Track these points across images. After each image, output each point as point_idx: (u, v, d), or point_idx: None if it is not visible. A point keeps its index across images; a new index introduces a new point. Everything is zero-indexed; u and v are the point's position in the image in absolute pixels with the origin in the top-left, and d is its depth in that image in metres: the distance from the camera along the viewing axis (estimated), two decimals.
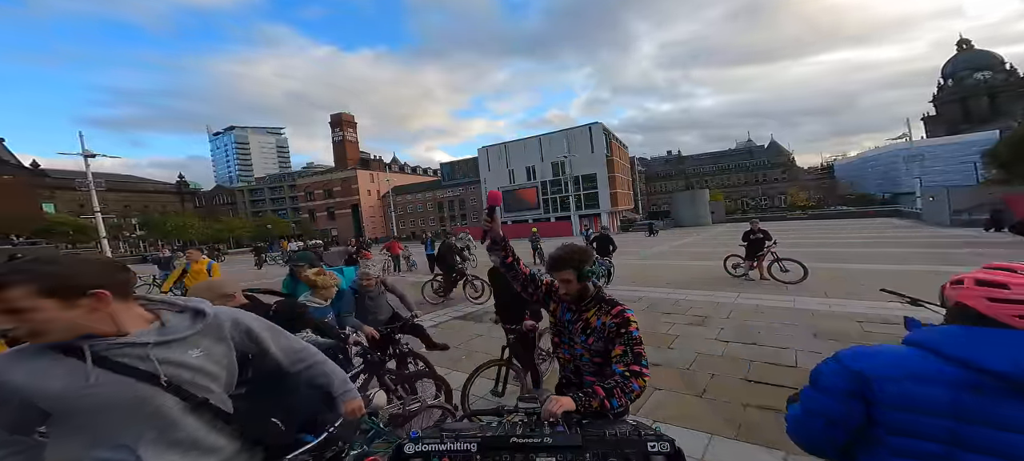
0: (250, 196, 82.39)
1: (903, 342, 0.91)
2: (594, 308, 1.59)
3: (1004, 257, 9.60)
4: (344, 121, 75.72)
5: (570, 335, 1.65)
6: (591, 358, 1.58)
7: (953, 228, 19.43)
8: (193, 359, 0.98)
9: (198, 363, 0.99)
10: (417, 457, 1.01)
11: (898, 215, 31.81)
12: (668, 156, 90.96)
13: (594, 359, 1.58)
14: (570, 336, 1.65)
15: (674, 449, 1.00)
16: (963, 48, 68.31)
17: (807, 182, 75.53)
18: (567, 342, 1.68)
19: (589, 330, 1.57)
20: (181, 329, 1.00)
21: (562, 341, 1.70)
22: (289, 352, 1.25)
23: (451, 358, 4.53)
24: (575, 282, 1.56)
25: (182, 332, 0.99)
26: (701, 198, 42.82)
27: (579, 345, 1.61)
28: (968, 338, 0.81)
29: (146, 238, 46.26)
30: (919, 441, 0.82)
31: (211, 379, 1.01)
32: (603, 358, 1.55)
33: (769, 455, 2.40)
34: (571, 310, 1.66)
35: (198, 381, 0.99)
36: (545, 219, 42.94)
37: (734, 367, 3.75)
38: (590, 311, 1.60)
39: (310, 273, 2.84)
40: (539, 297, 1.81)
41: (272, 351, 1.20)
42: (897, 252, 11.66)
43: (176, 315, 1.03)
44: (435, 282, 8.23)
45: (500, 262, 1.80)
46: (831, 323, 4.95)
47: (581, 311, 1.62)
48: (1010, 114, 51.28)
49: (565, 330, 1.68)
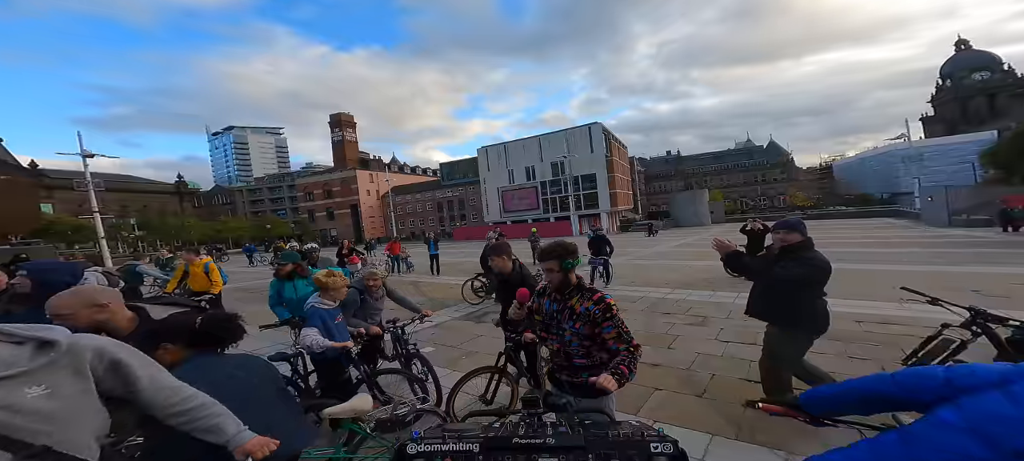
0: (249, 196, 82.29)
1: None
2: (577, 296, 1.79)
3: (1004, 257, 9.51)
4: (343, 121, 75.63)
5: (558, 323, 1.82)
6: (580, 342, 1.77)
7: (952, 228, 19.48)
8: (28, 399, 0.84)
9: (35, 404, 0.84)
10: (420, 457, 1.01)
11: (897, 215, 31.89)
12: (667, 156, 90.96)
13: (583, 343, 1.76)
14: (558, 324, 1.81)
15: (677, 450, 0.99)
16: (961, 48, 68.40)
17: (806, 182, 75.61)
18: (556, 332, 1.84)
19: (575, 316, 1.75)
20: (17, 363, 0.85)
21: (551, 332, 1.86)
22: (162, 395, 1.02)
23: (450, 358, 4.53)
24: (558, 270, 1.78)
25: (16, 368, 0.85)
26: (701, 198, 42.87)
27: (568, 331, 1.78)
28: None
29: (145, 239, 46.20)
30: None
31: (55, 422, 0.86)
32: (590, 341, 1.75)
33: (770, 455, 2.40)
34: (556, 301, 1.83)
35: (33, 426, 0.83)
36: (545, 219, 42.92)
37: (734, 367, 3.75)
38: (573, 299, 1.79)
39: (320, 274, 2.82)
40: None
41: (143, 393, 0.99)
42: (897, 252, 11.68)
43: (11, 347, 0.88)
44: (477, 281, 8.05)
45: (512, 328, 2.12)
46: (831, 322, 4.96)
47: (565, 300, 1.80)
48: (1008, 114, 51.38)
49: (552, 321, 1.84)
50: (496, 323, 3.52)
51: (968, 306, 2.64)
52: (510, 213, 47.81)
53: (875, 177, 58.93)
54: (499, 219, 47.26)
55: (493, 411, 1.45)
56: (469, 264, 13.65)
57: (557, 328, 1.81)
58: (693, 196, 44.00)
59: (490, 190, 50.04)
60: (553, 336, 1.84)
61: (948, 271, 8.06)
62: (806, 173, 79.11)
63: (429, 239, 14.15)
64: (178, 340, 1.33)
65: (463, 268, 13.36)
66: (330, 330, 2.68)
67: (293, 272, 3.83)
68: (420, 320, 3.50)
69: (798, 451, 2.40)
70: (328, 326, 2.68)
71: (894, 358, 3.63)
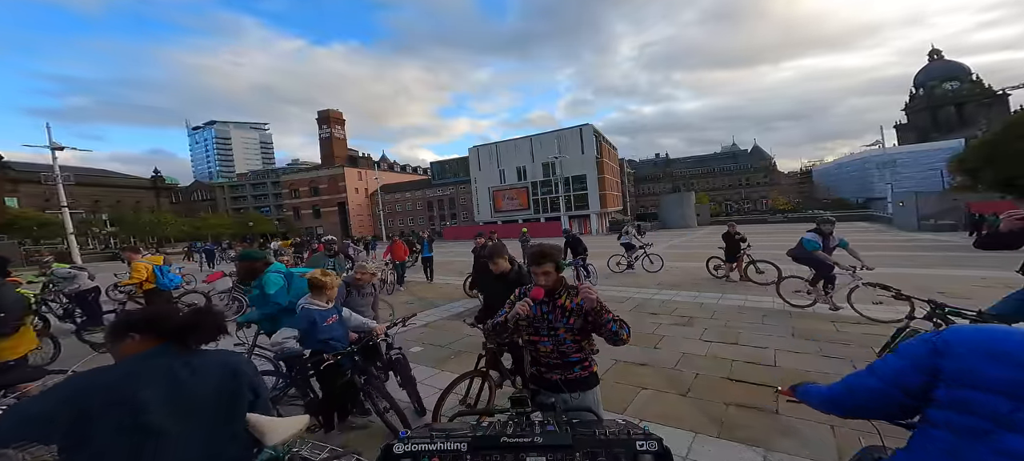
0: (231, 193, 79.77)
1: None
2: (565, 294, 1.83)
3: (971, 260, 9.98)
4: (332, 118, 74.10)
5: (550, 323, 1.82)
6: (573, 338, 1.80)
7: (921, 232, 20.42)
8: None
9: None
10: (406, 457, 1.01)
11: (871, 219, 33.23)
12: (656, 159, 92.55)
13: (576, 337, 1.80)
14: (551, 324, 1.82)
15: (662, 448, 1.02)
16: (934, 58, 71.73)
17: (787, 186, 78.01)
18: (548, 333, 1.82)
19: (567, 313, 1.79)
20: None
21: (541, 334, 1.85)
22: None
23: (437, 358, 4.50)
24: (554, 273, 1.83)
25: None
26: (688, 200, 43.69)
27: (562, 329, 1.80)
28: None
29: (117, 235, 44.24)
30: (967, 416, 0.85)
31: None
32: (581, 333, 1.80)
33: (749, 452, 2.47)
34: (545, 303, 1.84)
35: None
36: (535, 219, 43.03)
37: (717, 366, 3.85)
38: (562, 297, 1.82)
39: (316, 273, 2.75)
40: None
41: None
42: (869, 254, 12.13)
43: None
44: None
45: (498, 335, 1.97)
46: (808, 323, 5.14)
47: (555, 300, 1.83)
48: (975, 123, 54.18)
49: (543, 322, 1.83)
50: (472, 323, 3.37)
51: (928, 299, 2.92)
52: (501, 213, 47.75)
53: (851, 182, 61.17)
54: (490, 219, 47.12)
55: (481, 411, 1.43)
56: (459, 263, 13.56)
57: (549, 329, 1.82)
58: (680, 198, 44.80)
59: (481, 190, 49.88)
60: (544, 337, 1.84)
61: (917, 274, 8.45)
62: (787, 177, 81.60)
63: (424, 240, 11.76)
64: (149, 332, 1.20)
65: (454, 267, 13.27)
66: (318, 331, 2.62)
67: (254, 270, 3.38)
68: (401, 325, 3.30)
69: (776, 448, 2.49)
70: (317, 326, 2.62)
71: (866, 357, 3.80)
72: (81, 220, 35.60)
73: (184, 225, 50.53)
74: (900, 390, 0.98)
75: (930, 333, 1.01)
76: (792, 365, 3.81)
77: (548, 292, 1.84)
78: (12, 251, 25.59)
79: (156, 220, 47.89)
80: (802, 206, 65.04)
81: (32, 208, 40.18)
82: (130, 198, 60.59)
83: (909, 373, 0.97)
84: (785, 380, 3.47)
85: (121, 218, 47.01)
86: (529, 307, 1.87)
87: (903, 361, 1.00)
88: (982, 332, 0.90)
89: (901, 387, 0.98)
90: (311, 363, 2.57)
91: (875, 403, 1.04)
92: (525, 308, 1.86)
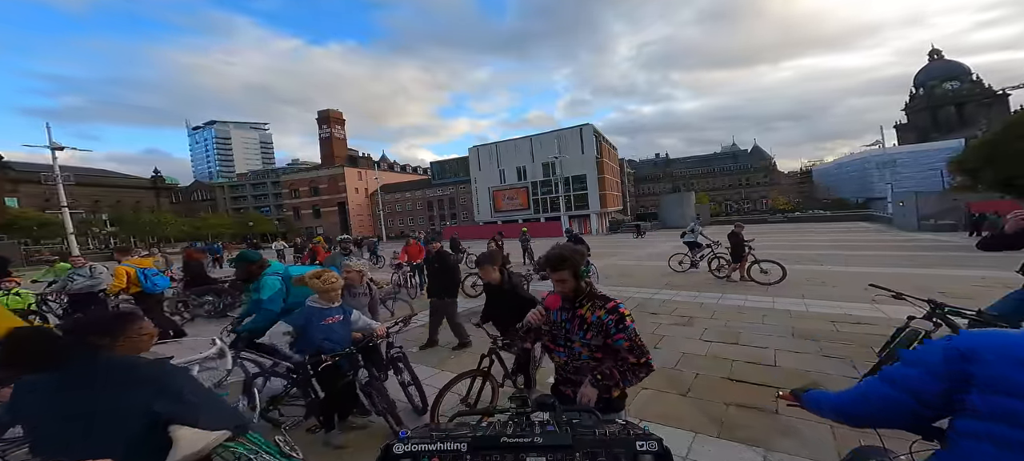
0: (231, 193, 79.77)
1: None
2: (587, 304, 1.63)
3: (971, 260, 9.96)
4: (332, 118, 74.10)
5: (567, 334, 1.66)
6: (591, 354, 1.61)
7: (920, 232, 20.40)
8: None
9: None
10: (406, 457, 1.01)
11: (870, 219, 33.19)
12: (656, 159, 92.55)
13: (594, 355, 1.61)
14: (567, 336, 1.66)
15: (662, 448, 1.02)
16: (934, 58, 71.73)
17: (787, 186, 78.02)
18: (564, 344, 1.67)
19: (586, 326, 1.60)
20: None
21: (557, 343, 1.70)
22: None
23: (438, 357, 4.50)
24: (571, 280, 1.62)
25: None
26: (688, 200, 43.66)
27: (578, 343, 1.62)
28: None
29: (117, 235, 44.24)
30: (1006, 427, 0.79)
31: None
32: (603, 352, 1.61)
33: (749, 452, 2.47)
34: (564, 310, 1.67)
35: None
36: (535, 219, 43.02)
37: (717, 366, 3.85)
38: (584, 307, 1.63)
39: (305, 275, 2.76)
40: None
41: None
42: (869, 255, 12.17)
43: None
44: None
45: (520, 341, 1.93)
46: (807, 323, 5.14)
47: (575, 309, 1.65)
48: (975, 123, 54.16)
49: (560, 331, 1.68)
50: (477, 324, 3.37)
51: (928, 299, 2.91)
52: (501, 213, 47.73)
53: (851, 182, 61.19)
54: (490, 219, 47.12)
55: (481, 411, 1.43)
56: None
57: (565, 339, 1.66)
58: (680, 198, 44.78)
59: (481, 190, 49.87)
60: (561, 347, 1.68)
61: (917, 274, 8.45)
62: (787, 177, 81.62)
63: (424, 240, 10.59)
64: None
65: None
66: (314, 330, 2.60)
67: (250, 272, 3.29)
68: (403, 324, 3.32)
69: (775, 448, 2.49)
70: (312, 325, 2.61)
71: (866, 357, 3.80)
72: (81, 220, 35.62)
73: (184, 225, 50.55)
74: (914, 398, 0.93)
75: (941, 339, 0.97)
76: (792, 365, 3.81)
77: (567, 299, 1.67)
78: (12, 251, 25.58)
79: (156, 220, 47.90)
80: (802, 206, 65.10)
81: (32, 208, 40.18)
82: (130, 198, 60.58)
83: (926, 380, 0.91)
84: (785, 380, 3.48)
85: (121, 218, 47.05)
86: (541, 316, 1.76)
87: (916, 368, 0.95)
88: (1009, 337, 0.86)
89: (915, 395, 0.93)
90: (310, 364, 2.56)
91: (891, 413, 0.99)
92: (536, 317, 1.76)
